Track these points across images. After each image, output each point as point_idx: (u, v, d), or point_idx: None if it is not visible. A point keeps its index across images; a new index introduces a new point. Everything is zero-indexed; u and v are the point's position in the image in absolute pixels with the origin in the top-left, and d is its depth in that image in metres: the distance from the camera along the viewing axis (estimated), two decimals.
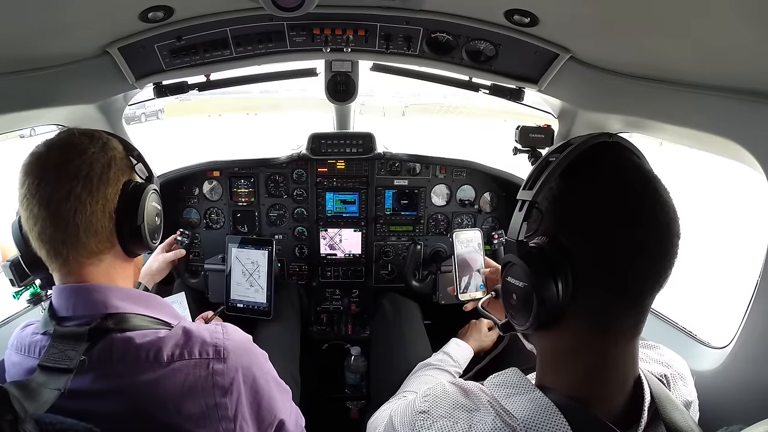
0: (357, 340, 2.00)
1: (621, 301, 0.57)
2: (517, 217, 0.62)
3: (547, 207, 0.61)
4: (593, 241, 0.56)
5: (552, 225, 0.60)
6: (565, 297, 0.57)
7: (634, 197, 0.57)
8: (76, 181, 0.73)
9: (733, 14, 0.70)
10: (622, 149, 0.62)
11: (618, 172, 0.59)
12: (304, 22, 1.35)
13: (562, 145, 0.62)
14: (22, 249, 0.83)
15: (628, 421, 0.60)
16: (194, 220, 1.97)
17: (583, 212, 0.58)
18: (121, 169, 0.80)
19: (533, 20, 1.13)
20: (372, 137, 1.89)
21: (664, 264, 0.57)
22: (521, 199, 0.62)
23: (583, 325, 0.59)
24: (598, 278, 0.56)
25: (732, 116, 0.91)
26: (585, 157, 0.59)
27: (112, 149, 0.80)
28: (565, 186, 0.60)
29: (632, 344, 0.60)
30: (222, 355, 0.75)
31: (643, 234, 0.56)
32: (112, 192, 0.78)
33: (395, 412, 0.77)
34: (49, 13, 0.94)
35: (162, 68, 1.39)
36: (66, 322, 0.74)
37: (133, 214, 0.80)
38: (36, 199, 0.73)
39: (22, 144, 0.82)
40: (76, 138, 0.78)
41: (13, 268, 1.14)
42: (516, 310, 0.63)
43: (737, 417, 0.66)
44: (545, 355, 0.66)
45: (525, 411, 0.60)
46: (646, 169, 0.60)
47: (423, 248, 1.94)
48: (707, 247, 4.99)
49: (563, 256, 0.57)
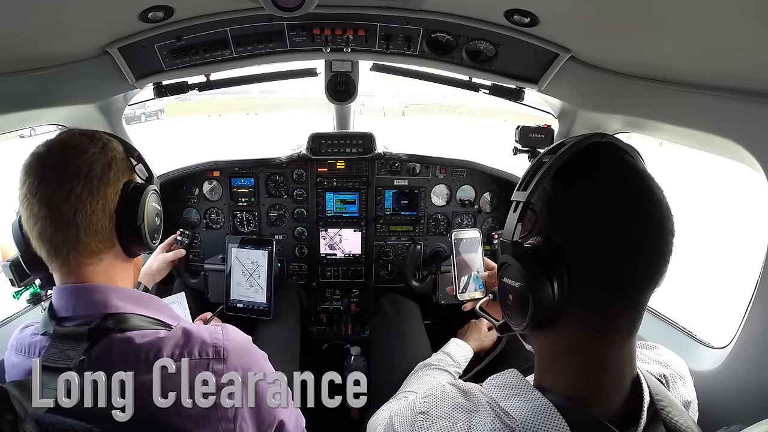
0: (357, 340, 2.00)
1: (617, 300, 0.57)
2: (512, 218, 0.62)
3: (541, 207, 0.61)
4: (589, 240, 0.56)
5: (547, 225, 0.60)
6: (561, 297, 0.57)
7: (629, 196, 0.57)
8: (76, 181, 0.73)
9: (733, 14, 0.70)
10: (615, 149, 0.62)
11: (612, 172, 0.59)
12: (304, 22, 1.35)
13: (555, 146, 0.62)
14: (22, 248, 0.83)
15: (627, 421, 0.60)
16: (194, 220, 1.97)
17: (577, 212, 0.58)
18: (121, 170, 0.80)
19: (533, 20, 1.13)
20: (372, 137, 1.89)
21: (659, 262, 0.57)
22: (515, 200, 0.63)
23: (580, 325, 0.59)
24: (594, 278, 0.57)
25: (732, 116, 0.91)
26: (578, 158, 0.60)
27: (113, 150, 0.81)
28: (559, 186, 0.60)
29: (629, 343, 0.60)
30: (222, 356, 0.75)
31: (638, 233, 0.56)
32: (112, 192, 0.78)
33: (395, 413, 0.77)
34: (49, 14, 0.94)
35: (162, 68, 1.40)
36: (66, 322, 0.74)
37: (133, 215, 0.80)
38: (36, 199, 0.73)
39: (22, 144, 0.82)
40: (76, 138, 0.78)
41: (13, 268, 1.14)
42: (512, 310, 0.63)
43: (737, 417, 0.66)
44: (543, 356, 0.66)
45: (524, 412, 0.60)
46: (640, 168, 0.60)
47: (423, 248, 1.94)
48: (707, 247, 4.99)
49: (558, 256, 0.57)
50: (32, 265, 0.83)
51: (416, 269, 1.93)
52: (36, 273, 0.87)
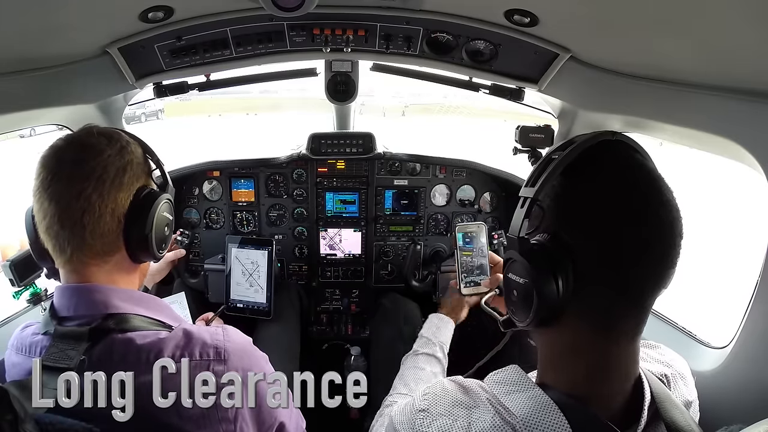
0: (357, 340, 2.00)
1: (624, 300, 0.57)
2: (519, 214, 0.62)
3: (549, 204, 0.61)
4: (597, 239, 0.56)
5: (554, 222, 0.60)
6: (566, 294, 0.57)
7: (639, 196, 0.57)
8: (88, 182, 0.73)
9: (734, 14, 0.70)
10: (626, 148, 0.61)
11: (622, 171, 0.59)
12: (304, 22, 1.35)
13: (564, 143, 0.62)
14: (32, 238, 0.82)
15: (628, 420, 0.60)
16: (194, 220, 1.97)
17: (586, 210, 0.58)
18: (136, 174, 0.80)
19: (533, 20, 1.13)
20: (372, 137, 1.89)
21: (667, 263, 0.57)
22: (523, 196, 0.62)
23: (586, 324, 0.59)
24: (601, 277, 0.56)
25: (732, 116, 0.91)
26: (588, 156, 0.59)
27: (130, 153, 0.80)
28: (568, 183, 0.60)
29: (634, 344, 0.60)
30: (222, 357, 0.75)
31: (648, 233, 0.55)
32: (123, 197, 0.77)
33: (395, 413, 0.77)
34: (50, 14, 0.94)
35: (162, 68, 1.40)
36: (67, 321, 0.74)
37: (142, 222, 0.79)
38: (47, 194, 0.73)
39: (23, 144, 0.82)
40: (95, 138, 0.77)
41: (13, 268, 1.15)
42: (516, 306, 0.63)
43: (737, 417, 0.66)
44: (546, 353, 0.66)
45: (524, 408, 0.60)
46: (650, 168, 0.59)
47: (423, 248, 1.94)
48: (707, 247, 4.99)
49: (564, 253, 0.57)
50: (40, 256, 0.83)
51: (416, 269, 1.93)
52: (43, 263, 0.85)
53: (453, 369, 1.21)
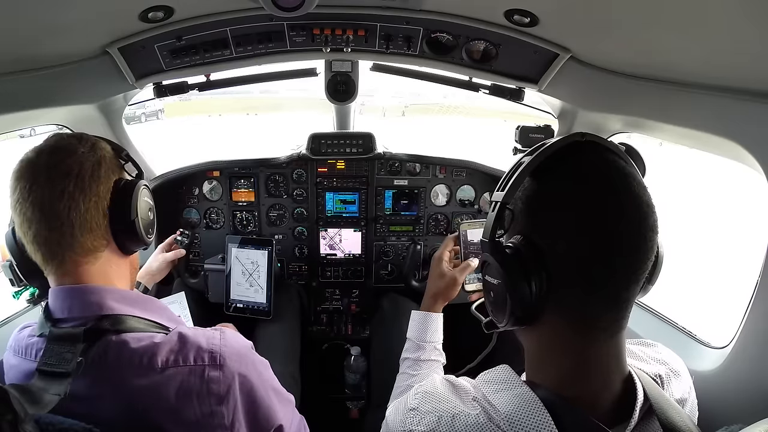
0: (357, 340, 2.00)
1: (597, 298, 0.57)
2: (491, 218, 0.63)
3: (520, 208, 0.62)
4: (564, 239, 0.57)
5: (525, 225, 0.61)
6: (540, 294, 0.57)
7: (606, 194, 0.56)
8: (68, 180, 0.74)
9: (734, 14, 0.70)
10: (594, 147, 0.61)
11: (589, 170, 0.59)
12: (304, 22, 1.35)
13: (534, 147, 0.63)
14: (17, 257, 0.83)
15: (618, 419, 0.60)
16: (194, 220, 1.97)
17: (553, 211, 0.58)
18: (111, 168, 0.81)
19: (533, 20, 1.13)
20: (372, 137, 1.89)
21: (638, 259, 0.57)
22: (494, 200, 0.63)
23: (564, 323, 0.60)
24: (572, 276, 0.57)
25: (732, 116, 0.91)
26: (557, 158, 0.60)
27: (101, 149, 0.81)
28: (536, 186, 0.61)
29: (615, 341, 0.60)
30: (218, 362, 0.74)
31: (616, 230, 0.56)
32: (104, 189, 0.78)
33: (389, 412, 0.79)
34: (49, 14, 0.94)
35: (162, 68, 1.40)
36: (62, 323, 0.74)
37: (126, 210, 0.80)
38: (29, 202, 0.73)
39: (22, 144, 0.82)
40: (64, 140, 0.78)
41: (13, 268, 1.14)
42: (494, 307, 0.65)
43: (737, 417, 0.66)
44: (531, 352, 0.67)
45: (510, 405, 0.61)
46: (619, 165, 0.59)
47: (423, 248, 1.94)
48: (707, 248, 4.99)
49: (535, 255, 0.58)
50: (28, 274, 0.84)
51: (416, 269, 1.93)
52: (32, 281, 0.86)
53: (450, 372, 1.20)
